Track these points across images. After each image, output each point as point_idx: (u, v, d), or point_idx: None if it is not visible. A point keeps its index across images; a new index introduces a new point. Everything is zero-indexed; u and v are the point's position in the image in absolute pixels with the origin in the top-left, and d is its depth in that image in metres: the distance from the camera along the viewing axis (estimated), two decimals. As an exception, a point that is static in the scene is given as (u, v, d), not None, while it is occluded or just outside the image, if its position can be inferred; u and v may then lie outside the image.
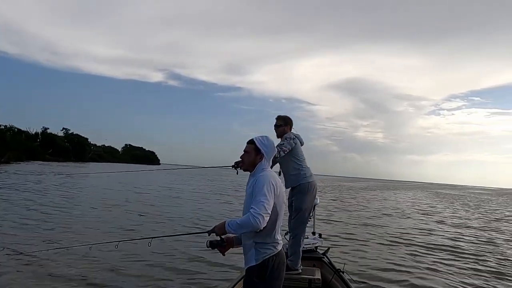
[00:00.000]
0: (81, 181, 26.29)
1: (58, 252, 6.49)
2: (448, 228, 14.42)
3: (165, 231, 9.77)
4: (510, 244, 11.60)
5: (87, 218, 11.31)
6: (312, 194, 4.47)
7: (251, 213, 2.40)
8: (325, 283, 4.24)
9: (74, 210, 12.60)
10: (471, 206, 29.08)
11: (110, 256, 6.84)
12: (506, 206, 32.17)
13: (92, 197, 17.10)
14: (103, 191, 20.25)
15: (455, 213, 21.21)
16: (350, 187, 55.88)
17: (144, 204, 15.54)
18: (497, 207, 30.03)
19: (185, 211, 14.35)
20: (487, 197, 54.32)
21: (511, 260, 9.01)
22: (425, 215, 19.04)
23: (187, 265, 6.89)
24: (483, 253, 9.73)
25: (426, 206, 25.49)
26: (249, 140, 2.73)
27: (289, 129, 4.60)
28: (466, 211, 23.86)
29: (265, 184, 2.49)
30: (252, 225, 2.39)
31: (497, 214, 22.56)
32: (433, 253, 9.23)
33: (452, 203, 29.75)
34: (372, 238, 10.79)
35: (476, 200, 41.40)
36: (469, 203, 33.03)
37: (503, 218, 20.47)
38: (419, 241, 10.88)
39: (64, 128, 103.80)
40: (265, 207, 2.42)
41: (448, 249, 9.84)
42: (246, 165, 2.71)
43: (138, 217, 11.98)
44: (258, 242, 2.55)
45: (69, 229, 9.32)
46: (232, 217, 3.49)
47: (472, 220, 17.84)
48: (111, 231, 9.41)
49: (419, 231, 12.90)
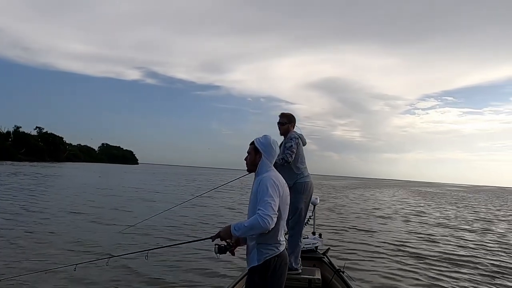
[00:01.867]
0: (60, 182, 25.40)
1: (37, 277, 5.31)
2: (446, 230, 13.72)
3: (159, 242, 8.35)
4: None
5: (65, 229, 9.58)
6: (308, 193, 4.44)
7: (259, 215, 2.38)
8: (325, 283, 4.21)
9: (50, 220, 10.80)
10: (458, 205, 28.86)
11: (102, 275, 5.77)
12: (487, 204, 32.90)
13: (66, 202, 15.11)
14: (77, 194, 19.01)
15: (448, 214, 20.58)
16: (331, 185, 56.19)
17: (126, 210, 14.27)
18: (481, 205, 30.68)
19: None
20: (465, 194, 55.77)
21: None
22: (417, 216, 18.22)
23: (195, 277, 6.15)
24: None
25: (415, 206, 24.80)
26: (251, 142, 2.76)
27: (293, 127, 4.56)
28: (457, 210, 23.22)
29: (269, 184, 2.50)
30: (261, 226, 2.38)
31: (484, 213, 22.73)
32: (435, 255, 8.83)
33: (441, 204, 28.96)
34: (373, 243, 10.06)
35: (457, 197, 42.09)
36: (456, 202, 32.72)
37: (495, 217, 20.23)
38: (422, 249, 9.98)
39: (37, 127, 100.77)
40: (273, 208, 2.42)
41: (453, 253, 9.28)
42: (248, 165, 2.74)
43: (124, 226, 9.74)
44: (260, 242, 2.54)
45: (45, 245, 7.77)
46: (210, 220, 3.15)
47: (469, 222, 17.13)
48: (95, 246, 7.92)
49: (417, 236, 11.97)
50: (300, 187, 4.35)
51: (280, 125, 4.54)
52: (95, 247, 7.77)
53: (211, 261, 6.82)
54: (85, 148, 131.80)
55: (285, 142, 4.42)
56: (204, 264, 6.82)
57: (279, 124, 4.55)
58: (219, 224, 11.79)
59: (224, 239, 2.59)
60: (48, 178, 29.06)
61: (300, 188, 4.35)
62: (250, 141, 2.79)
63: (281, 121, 4.54)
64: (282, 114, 4.58)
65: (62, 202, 15.13)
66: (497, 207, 29.19)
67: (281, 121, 4.54)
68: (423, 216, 18.04)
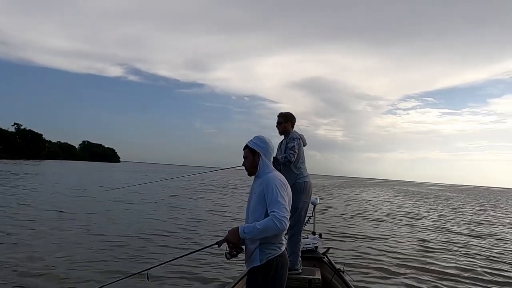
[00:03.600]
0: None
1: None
2: (442, 233, 13.19)
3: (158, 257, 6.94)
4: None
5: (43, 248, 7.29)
6: (308, 193, 4.45)
7: (275, 217, 2.35)
8: (325, 283, 4.19)
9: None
10: (451, 206, 27.91)
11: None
12: (474, 205, 32.98)
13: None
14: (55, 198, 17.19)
15: (445, 216, 19.47)
16: (315, 185, 55.67)
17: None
18: (469, 206, 30.80)
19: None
20: (449, 194, 55.92)
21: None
22: (413, 219, 16.94)
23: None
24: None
25: (407, 207, 23.56)
26: (243, 147, 2.74)
27: (290, 125, 4.59)
28: (453, 213, 21.70)
29: (278, 185, 2.48)
30: (278, 228, 2.35)
31: (473, 216, 22.56)
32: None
33: (432, 204, 28.25)
34: (371, 246, 9.54)
35: (443, 197, 41.56)
36: (448, 203, 32.04)
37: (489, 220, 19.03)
38: (422, 248, 9.68)
39: (15, 124, 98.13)
40: (286, 209, 2.42)
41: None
42: (249, 168, 2.70)
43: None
44: (264, 242, 2.49)
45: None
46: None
47: (475, 225, 16.23)
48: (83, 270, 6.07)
49: (413, 237, 11.41)
50: (300, 187, 4.35)
51: (277, 124, 4.61)
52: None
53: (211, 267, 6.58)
54: (66, 145, 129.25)
55: (287, 142, 4.43)
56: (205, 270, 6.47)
57: (277, 124, 4.62)
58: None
59: (232, 243, 2.48)
60: (19, 177, 28.04)
61: (300, 188, 4.35)
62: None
63: (278, 121, 4.61)
64: (281, 113, 4.65)
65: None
66: (492, 208, 29.11)
67: (278, 120, 4.61)
68: (417, 218, 17.52)
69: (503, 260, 8.85)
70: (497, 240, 12.11)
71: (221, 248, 2.56)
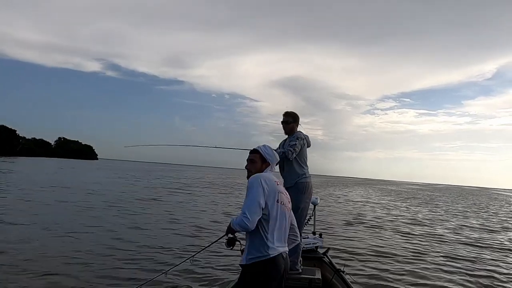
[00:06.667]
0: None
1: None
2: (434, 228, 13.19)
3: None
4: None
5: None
6: (308, 193, 4.42)
7: (241, 213, 2.54)
8: (326, 283, 4.18)
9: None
10: (444, 207, 26.22)
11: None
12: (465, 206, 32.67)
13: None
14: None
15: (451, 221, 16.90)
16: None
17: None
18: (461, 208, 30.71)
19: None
20: (431, 193, 56.17)
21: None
22: (415, 225, 14.78)
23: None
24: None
25: (402, 210, 21.54)
26: (252, 150, 2.89)
27: (297, 126, 4.51)
28: (451, 215, 19.96)
29: (252, 184, 2.60)
30: (241, 225, 2.50)
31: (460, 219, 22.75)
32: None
33: (422, 204, 27.58)
34: (369, 246, 9.23)
35: (428, 197, 41.27)
36: (438, 203, 30.86)
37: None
38: (423, 250, 9.33)
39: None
40: (248, 207, 2.51)
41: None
42: (253, 173, 2.78)
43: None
44: (250, 244, 2.60)
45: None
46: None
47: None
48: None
49: (412, 236, 11.02)
50: (302, 187, 4.32)
51: (285, 124, 4.46)
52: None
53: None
54: (41, 142, 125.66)
55: (290, 139, 4.38)
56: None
57: (283, 123, 4.47)
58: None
59: (231, 233, 2.75)
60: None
61: (302, 188, 4.32)
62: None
63: (286, 120, 4.44)
64: (287, 112, 4.49)
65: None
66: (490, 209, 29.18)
67: (285, 119, 4.45)
68: (408, 217, 17.31)
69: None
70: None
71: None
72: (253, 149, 2.89)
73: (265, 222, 2.55)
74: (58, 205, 13.05)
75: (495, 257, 9.13)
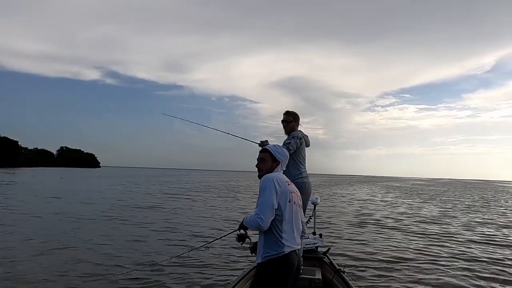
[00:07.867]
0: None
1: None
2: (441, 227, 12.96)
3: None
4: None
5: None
6: (307, 193, 4.43)
7: (254, 213, 2.61)
8: (326, 283, 4.17)
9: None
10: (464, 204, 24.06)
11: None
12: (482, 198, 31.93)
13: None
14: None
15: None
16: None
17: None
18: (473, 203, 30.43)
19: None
20: (436, 188, 55.61)
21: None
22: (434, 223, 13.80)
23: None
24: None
25: (408, 207, 20.55)
26: (263, 148, 2.95)
27: (297, 125, 4.51)
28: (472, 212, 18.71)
29: (265, 185, 2.64)
30: (254, 225, 2.59)
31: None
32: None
33: (429, 200, 26.24)
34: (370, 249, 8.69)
35: (433, 192, 40.06)
36: (445, 198, 29.94)
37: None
38: (424, 250, 8.86)
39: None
40: (261, 209, 2.57)
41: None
42: (265, 172, 2.84)
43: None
44: (263, 242, 2.65)
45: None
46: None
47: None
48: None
49: (418, 236, 10.40)
50: (299, 187, 4.14)
51: (285, 123, 4.45)
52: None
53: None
54: (43, 152, 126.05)
55: (287, 138, 4.39)
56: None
57: (284, 122, 4.46)
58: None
59: (243, 229, 2.84)
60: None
61: (299, 188, 4.14)
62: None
63: (286, 119, 4.43)
64: (287, 111, 4.48)
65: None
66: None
67: (286, 118, 4.44)
68: (417, 216, 16.28)
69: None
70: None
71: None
72: (263, 148, 2.96)
73: (278, 222, 2.61)
74: (52, 216, 12.51)
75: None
